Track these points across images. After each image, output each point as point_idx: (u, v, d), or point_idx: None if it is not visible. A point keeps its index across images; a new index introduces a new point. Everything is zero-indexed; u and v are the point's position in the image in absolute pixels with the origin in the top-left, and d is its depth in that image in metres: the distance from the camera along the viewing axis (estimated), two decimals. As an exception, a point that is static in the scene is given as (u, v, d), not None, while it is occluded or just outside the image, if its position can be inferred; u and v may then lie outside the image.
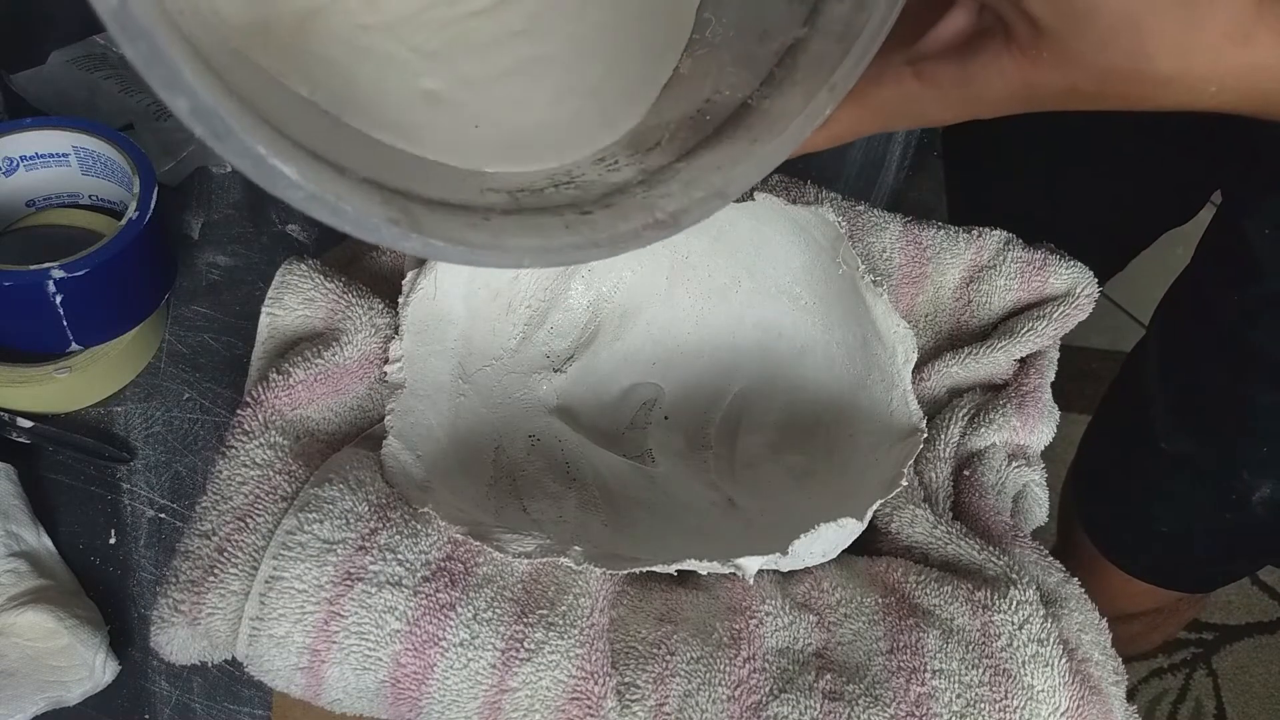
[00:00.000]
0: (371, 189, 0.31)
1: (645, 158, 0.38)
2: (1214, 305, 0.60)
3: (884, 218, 0.55)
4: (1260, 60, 0.29)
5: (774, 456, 0.53)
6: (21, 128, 0.53)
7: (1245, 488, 0.62)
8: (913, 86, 0.33)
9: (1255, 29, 0.29)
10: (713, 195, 0.35)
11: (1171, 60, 0.29)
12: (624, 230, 0.34)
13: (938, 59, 0.32)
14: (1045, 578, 0.45)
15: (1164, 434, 0.64)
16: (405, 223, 0.30)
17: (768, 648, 0.42)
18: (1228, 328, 0.59)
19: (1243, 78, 0.29)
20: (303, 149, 0.31)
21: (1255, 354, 0.58)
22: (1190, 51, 0.29)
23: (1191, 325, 0.64)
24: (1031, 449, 0.52)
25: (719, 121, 0.37)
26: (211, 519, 0.43)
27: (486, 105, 0.38)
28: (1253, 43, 0.29)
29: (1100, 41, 0.29)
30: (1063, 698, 0.41)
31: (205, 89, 0.25)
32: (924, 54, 0.33)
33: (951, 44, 0.32)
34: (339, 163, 0.32)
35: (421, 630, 0.40)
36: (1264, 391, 0.59)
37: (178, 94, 0.25)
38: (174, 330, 0.56)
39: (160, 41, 0.24)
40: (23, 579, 0.46)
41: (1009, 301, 0.54)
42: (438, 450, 0.48)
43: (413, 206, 0.32)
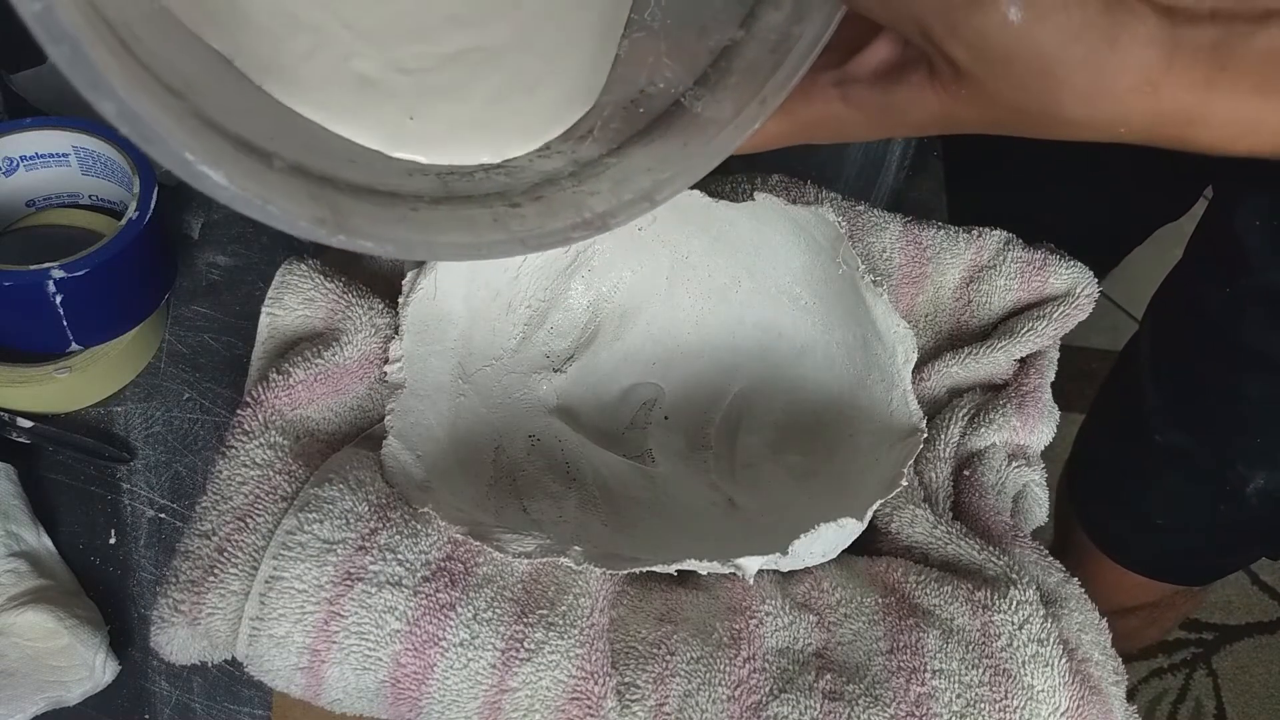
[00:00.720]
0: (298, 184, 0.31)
1: (577, 146, 0.38)
2: (1204, 299, 0.60)
3: (884, 218, 0.55)
4: (1165, 108, 0.31)
5: (774, 456, 0.53)
6: (21, 128, 0.53)
7: (1239, 479, 0.62)
8: (838, 107, 0.35)
9: (1163, 80, 0.30)
10: (640, 199, 0.36)
11: (1081, 107, 0.31)
12: (551, 229, 0.35)
13: (864, 84, 0.34)
14: (1045, 578, 0.45)
15: (1158, 427, 0.65)
16: (331, 222, 0.31)
17: (768, 648, 0.42)
18: (1218, 321, 0.59)
19: (1150, 122, 0.31)
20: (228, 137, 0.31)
21: (1245, 346, 0.58)
22: (1098, 100, 0.31)
23: (1183, 319, 0.64)
24: (1031, 449, 0.52)
25: (652, 116, 0.38)
26: (211, 519, 0.43)
27: (422, 96, 0.36)
28: (1159, 93, 0.30)
29: (1015, 86, 0.31)
30: (1063, 698, 0.41)
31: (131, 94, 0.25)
32: (851, 77, 0.34)
33: (877, 71, 0.34)
34: (263, 144, 0.31)
35: (421, 630, 0.40)
36: (1255, 383, 0.59)
37: (103, 98, 0.25)
38: (174, 330, 0.56)
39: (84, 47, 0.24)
40: (23, 579, 0.46)
41: (1009, 301, 0.54)
42: (438, 450, 0.48)
43: (340, 200, 0.32)
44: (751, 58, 0.36)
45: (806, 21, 0.34)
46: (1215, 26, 0.30)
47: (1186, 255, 0.64)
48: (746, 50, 0.36)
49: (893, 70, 0.34)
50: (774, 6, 0.35)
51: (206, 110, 0.31)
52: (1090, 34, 0.30)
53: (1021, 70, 0.30)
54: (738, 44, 0.36)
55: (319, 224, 0.31)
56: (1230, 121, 0.31)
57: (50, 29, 0.24)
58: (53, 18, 0.24)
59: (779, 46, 0.35)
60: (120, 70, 0.26)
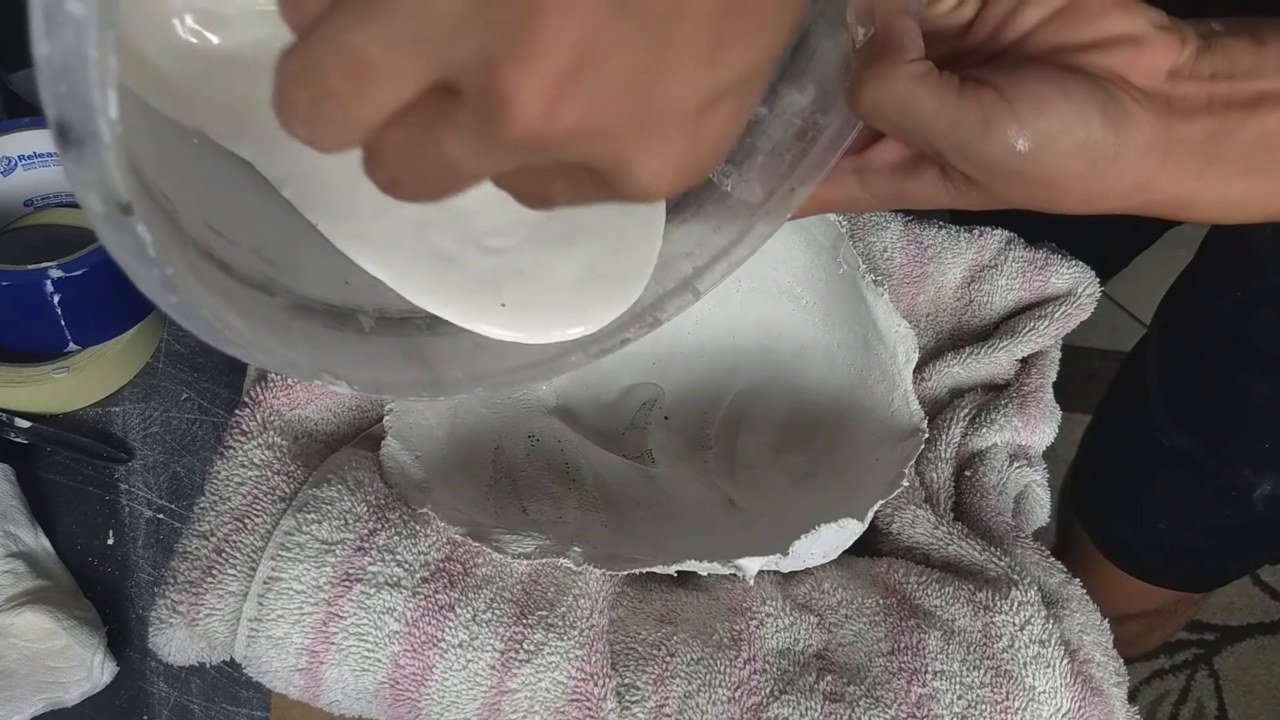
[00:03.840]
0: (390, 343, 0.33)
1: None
2: (1214, 301, 0.60)
3: (885, 217, 0.55)
4: (1159, 199, 0.34)
5: (774, 457, 0.52)
6: (19, 127, 0.53)
7: (1246, 484, 0.61)
8: (856, 191, 0.37)
9: (1156, 179, 0.33)
10: (683, 288, 0.37)
11: (1082, 207, 0.34)
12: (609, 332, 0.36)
13: (881, 174, 0.36)
14: (1047, 579, 0.45)
15: (1163, 431, 0.64)
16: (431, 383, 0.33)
17: (768, 649, 0.42)
18: (1228, 323, 0.59)
19: (1143, 209, 0.34)
20: (316, 313, 0.32)
21: (1255, 349, 0.58)
22: (1097, 200, 0.34)
23: (1192, 322, 0.64)
24: (1033, 449, 0.52)
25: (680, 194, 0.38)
26: (210, 519, 0.43)
27: (508, 278, 0.35)
28: (1152, 190, 0.33)
29: (1023, 192, 0.34)
30: (1064, 699, 0.41)
31: (255, 336, 0.28)
32: (869, 167, 0.36)
33: (894, 164, 0.36)
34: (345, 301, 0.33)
35: (420, 631, 0.40)
36: (1264, 387, 0.59)
37: (228, 346, 0.27)
38: (172, 330, 0.56)
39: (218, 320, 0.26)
40: (21, 579, 0.46)
41: (1010, 301, 0.54)
42: (437, 451, 0.48)
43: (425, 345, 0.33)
44: (777, 139, 0.36)
45: (832, 113, 0.34)
46: (1210, 118, 0.32)
47: (1197, 258, 0.63)
48: (771, 130, 0.36)
49: (908, 165, 0.36)
50: (797, 89, 0.35)
51: (291, 286, 0.32)
52: (1092, 151, 0.32)
53: (1029, 181, 0.33)
54: (761, 121, 0.36)
55: (422, 388, 0.32)
56: (1219, 202, 0.34)
57: (186, 312, 0.25)
58: (189, 306, 0.25)
59: (804, 134, 0.35)
60: (239, 319, 0.28)
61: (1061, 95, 0.32)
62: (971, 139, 0.32)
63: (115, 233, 0.23)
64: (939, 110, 0.32)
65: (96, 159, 0.21)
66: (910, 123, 0.32)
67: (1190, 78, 0.33)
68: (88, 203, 0.22)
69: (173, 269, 0.24)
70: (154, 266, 0.24)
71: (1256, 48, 0.33)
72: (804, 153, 0.35)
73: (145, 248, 0.23)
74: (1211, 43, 0.33)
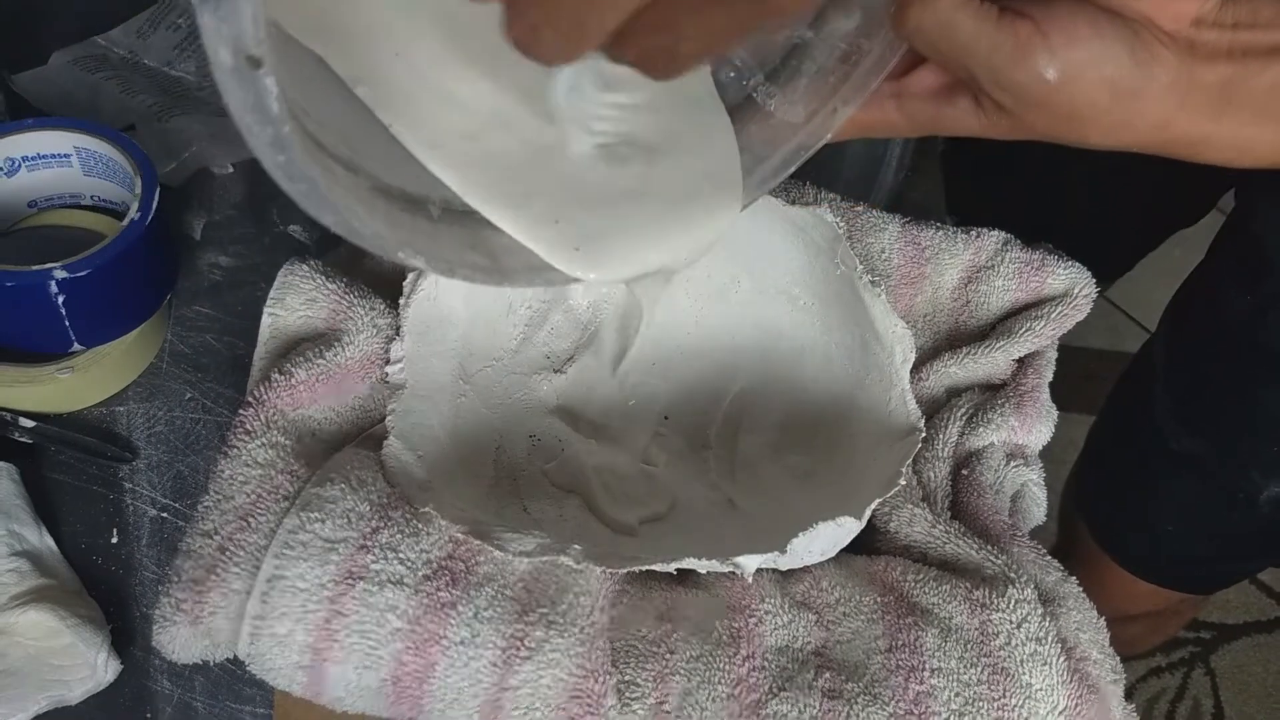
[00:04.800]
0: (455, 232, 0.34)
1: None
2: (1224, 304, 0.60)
3: (883, 218, 0.55)
4: (1175, 137, 0.36)
5: (774, 456, 0.53)
6: (23, 128, 0.53)
7: (1253, 487, 0.61)
8: (894, 115, 0.39)
9: (1176, 117, 0.35)
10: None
11: (1105, 139, 0.36)
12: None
13: (918, 99, 0.38)
14: (1043, 577, 0.45)
15: (1170, 433, 0.64)
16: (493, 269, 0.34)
17: (767, 646, 0.42)
18: (1237, 326, 0.59)
19: (1161, 146, 0.37)
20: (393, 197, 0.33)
21: (1265, 352, 0.58)
22: (1120, 134, 0.36)
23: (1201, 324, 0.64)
24: (1030, 449, 0.52)
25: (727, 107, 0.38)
26: (213, 518, 0.43)
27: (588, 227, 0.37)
28: (1170, 128, 0.36)
29: (1049, 123, 0.36)
30: (1061, 696, 0.41)
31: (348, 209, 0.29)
32: (907, 91, 0.38)
33: (931, 89, 0.38)
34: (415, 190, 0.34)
35: (423, 629, 0.41)
36: (1275, 391, 0.59)
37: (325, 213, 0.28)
38: (176, 330, 0.56)
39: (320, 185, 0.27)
40: (25, 578, 0.46)
41: (1007, 302, 0.54)
42: (439, 450, 0.48)
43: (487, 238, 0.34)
44: (821, 62, 0.37)
45: (875, 38, 0.35)
46: (1230, 64, 0.34)
47: (1207, 260, 0.63)
48: (816, 53, 0.37)
49: (944, 92, 0.38)
50: (844, 13, 0.36)
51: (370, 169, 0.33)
52: (1117, 85, 0.34)
53: (1055, 112, 0.35)
54: (807, 44, 0.37)
55: (488, 274, 0.34)
56: (1231, 144, 0.36)
57: (291, 173, 0.26)
58: (294, 167, 0.26)
59: (848, 57, 0.36)
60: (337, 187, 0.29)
61: (1093, 30, 0.34)
62: (1005, 65, 0.34)
63: (240, 86, 0.23)
64: (977, 35, 0.34)
65: (232, 10, 0.21)
66: (949, 46, 0.34)
67: (1214, 25, 0.35)
68: (217, 57, 0.22)
69: (289, 126, 0.24)
70: (270, 124, 0.24)
71: (1277, 2, 0.35)
72: (847, 75, 0.36)
73: (269, 101, 0.23)
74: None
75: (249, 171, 0.61)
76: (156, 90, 0.62)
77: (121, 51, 0.64)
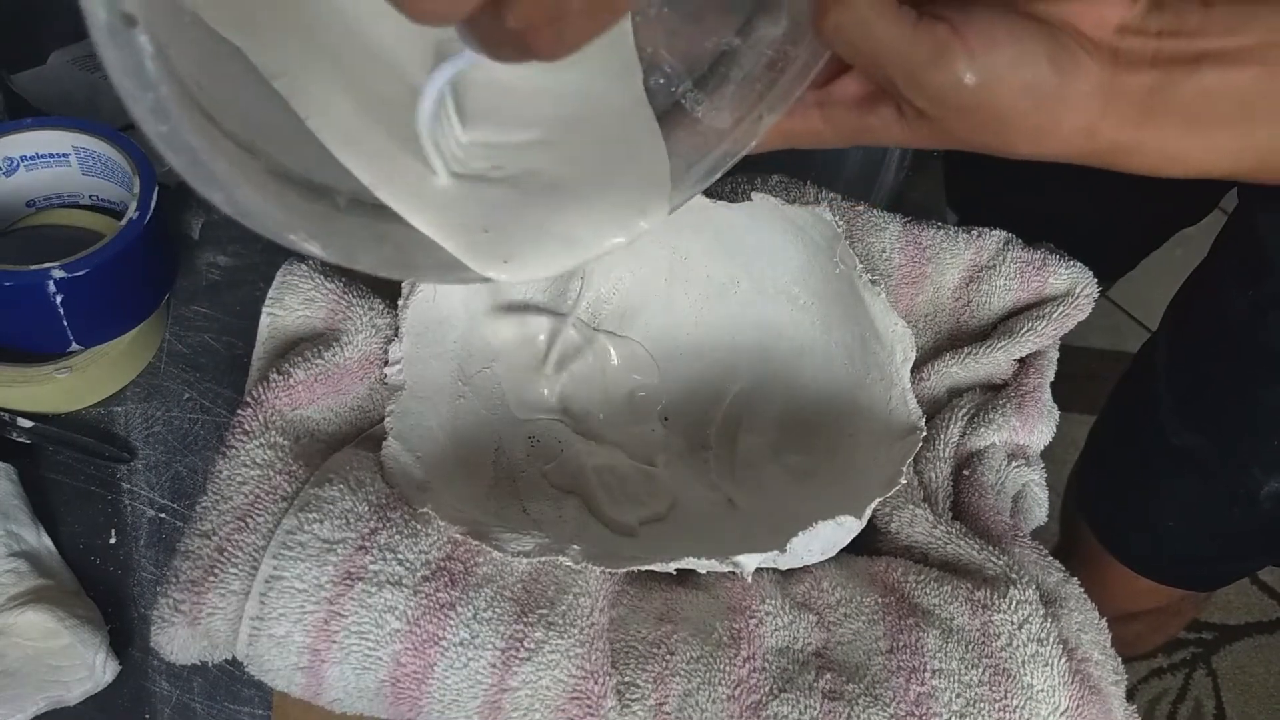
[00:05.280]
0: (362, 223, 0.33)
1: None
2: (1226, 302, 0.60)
3: (883, 218, 0.55)
4: (1101, 145, 0.35)
5: (774, 456, 0.53)
6: (22, 128, 0.53)
7: (1254, 484, 0.61)
8: (818, 124, 0.39)
9: (1100, 124, 0.34)
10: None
11: (1029, 147, 0.35)
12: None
13: (842, 107, 0.38)
14: (1045, 577, 0.45)
15: (1172, 430, 0.64)
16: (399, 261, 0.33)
17: (767, 647, 0.42)
18: (1239, 325, 0.59)
19: (1087, 155, 0.36)
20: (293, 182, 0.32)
21: (1266, 352, 0.58)
22: (1044, 141, 0.35)
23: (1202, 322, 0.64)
24: (1031, 449, 0.52)
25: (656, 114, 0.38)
26: (212, 519, 0.43)
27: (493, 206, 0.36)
28: (1097, 136, 0.35)
29: (971, 129, 0.35)
30: (1062, 697, 0.41)
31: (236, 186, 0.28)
32: (831, 100, 0.38)
33: (854, 98, 0.38)
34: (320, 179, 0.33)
35: (421, 630, 0.40)
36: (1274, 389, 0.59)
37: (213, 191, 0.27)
38: (174, 330, 0.56)
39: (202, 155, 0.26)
40: (23, 579, 0.46)
41: (1008, 301, 0.54)
42: (438, 451, 0.48)
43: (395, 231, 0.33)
44: (748, 69, 0.37)
45: (801, 45, 0.35)
46: (1154, 71, 0.34)
47: (1209, 259, 0.64)
48: (743, 60, 0.37)
49: (867, 100, 0.37)
50: (771, 21, 0.36)
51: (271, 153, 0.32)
52: (1037, 91, 0.34)
53: (975, 118, 0.35)
54: (735, 51, 0.37)
55: (394, 266, 0.33)
56: (1160, 153, 0.35)
57: (173, 143, 0.25)
58: (177, 136, 0.25)
59: (774, 64, 0.36)
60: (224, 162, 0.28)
61: (1011, 35, 0.33)
62: (923, 69, 0.33)
63: (115, 46, 0.22)
64: (895, 38, 0.33)
65: None
66: (868, 46, 0.34)
67: (1138, 33, 0.34)
68: (92, 13, 0.22)
69: (168, 91, 0.24)
70: (149, 89, 0.23)
71: (1203, 9, 0.34)
72: (773, 82, 0.36)
73: (145, 61, 0.23)
74: (1162, 2, 0.35)
75: (248, 171, 0.61)
76: (155, 90, 0.62)
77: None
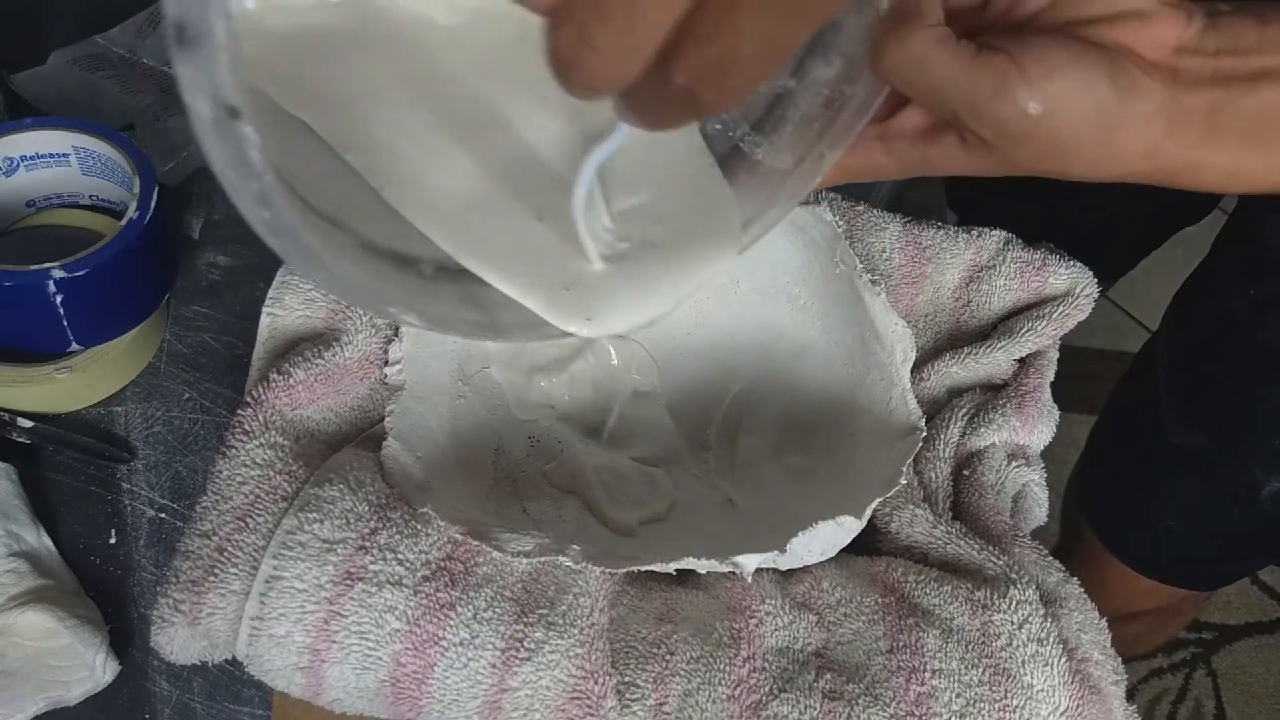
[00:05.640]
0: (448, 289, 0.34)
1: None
2: (1227, 301, 0.60)
3: (883, 218, 0.55)
4: (1162, 165, 0.35)
5: (774, 457, 0.53)
6: (22, 128, 0.53)
7: (1255, 483, 0.62)
8: (880, 157, 0.39)
9: (1163, 145, 0.35)
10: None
11: (1090, 171, 0.36)
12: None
13: (904, 139, 0.38)
14: (1045, 577, 0.45)
15: (1173, 430, 0.64)
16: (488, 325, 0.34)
17: (767, 647, 0.42)
18: (1241, 324, 0.59)
19: (1148, 175, 0.36)
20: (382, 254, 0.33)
21: (1266, 352, 0.58)
22: (1106, 164, 0.35)
23: (1204, 321, 0.64)
24: (1031, 449, 0.52)
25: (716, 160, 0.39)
26: (212, 519, 0.43)
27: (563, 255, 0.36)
28: (1159, 156, 0.35)
29: (1034, 156, 0.35)
30: (1062, 697, 0.41)
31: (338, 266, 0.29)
32: (893, 133, 0.38)
33: (916, 130, 0.38)
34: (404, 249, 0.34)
35: (422, 630, 0.40)
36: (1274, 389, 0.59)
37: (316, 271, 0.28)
38: (174, 330, 0.56)
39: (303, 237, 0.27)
40: (23, 579, 0.46)
41: (1008, 301, 0.54)
42: (438, 451, 0.48)
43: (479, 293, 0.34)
44: (805, 110, 0.37)
45: (859, 83, 0.35)
46: (1214, 89, 0.34)
47: (1210, 258, 0.64)
48: (800, 101, 0.37)
49: (929, 131, 0.38)
50: (824, 62, 0.36)
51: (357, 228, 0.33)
52: (1100, 115, 0.34)
53: (1039, 146, 0.35)
54: (790, 93, 0.37)
55: (482, 329, 0.33)
56: (1221, 170, 0.36)
57: (276, 228, 0.26)
58: (280, 221, 0.25)
59: (831, 103, 0.36)
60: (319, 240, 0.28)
61: (1071, 61, 0.33)
62: (985, 101, 0.34)
63: (219, 139, 0.23)
64: (955, 72, 0.34)
65: (209, 59, 0.21)
66: (927, 84, 0.34)
67: (1196, 52, 0.34)
68: (196, 108, 0.22)
69: (271, 179, 0.24)
70: (253, 178, 0.24)
71: (1260, 26, 0.35)
72: (832, 120, 0.36)
73: (250, 152, 0.23)
74: (1217, 21, 0.35)
75: (248, 171, 0.61)
76: (155, 90, 0.62)
77: (120, 51, 0.64)
